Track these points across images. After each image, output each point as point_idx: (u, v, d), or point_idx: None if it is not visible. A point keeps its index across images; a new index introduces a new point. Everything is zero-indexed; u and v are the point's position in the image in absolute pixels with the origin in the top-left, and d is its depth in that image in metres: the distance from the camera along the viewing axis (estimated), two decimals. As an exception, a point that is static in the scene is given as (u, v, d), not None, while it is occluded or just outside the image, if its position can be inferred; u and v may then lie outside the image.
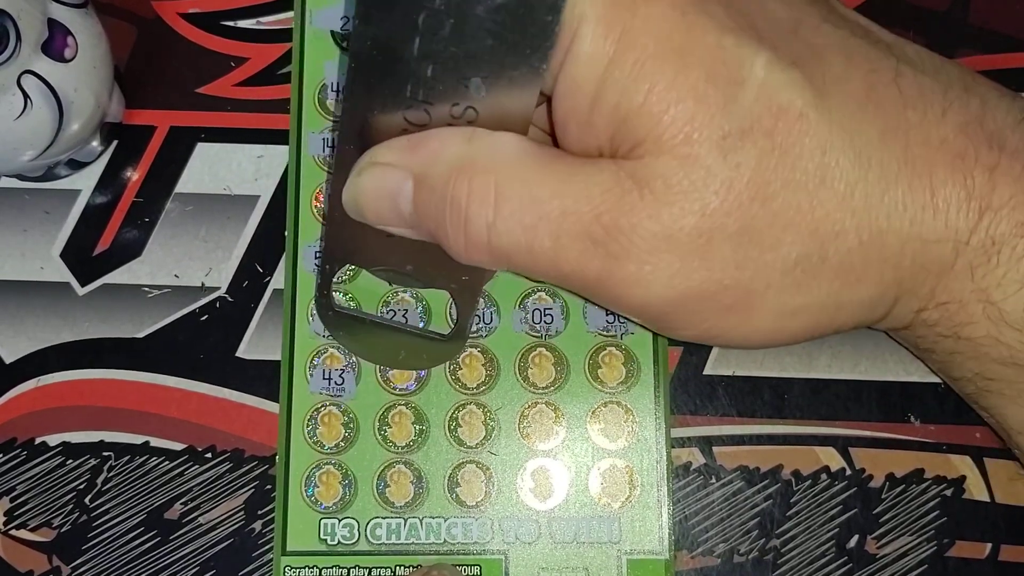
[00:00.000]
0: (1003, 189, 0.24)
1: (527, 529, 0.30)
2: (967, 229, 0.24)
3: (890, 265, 0.24)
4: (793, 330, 0.25)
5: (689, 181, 0.22)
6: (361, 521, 0.30)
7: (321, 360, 0.30)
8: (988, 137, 0.24)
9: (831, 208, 0.23)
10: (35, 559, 0.30)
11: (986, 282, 0.24)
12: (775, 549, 0.30)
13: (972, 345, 0.25)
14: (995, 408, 0.27)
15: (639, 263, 0.23)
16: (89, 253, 0.32)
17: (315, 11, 0.32)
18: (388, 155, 0.24)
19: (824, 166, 0.23)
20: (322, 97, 0.32)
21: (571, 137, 0.24)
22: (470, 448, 0.30)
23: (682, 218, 0.22)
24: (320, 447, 0.30)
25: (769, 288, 0.24)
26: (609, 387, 0.30)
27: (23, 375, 0.31)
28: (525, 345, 0.31)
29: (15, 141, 0.27)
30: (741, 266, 0.23)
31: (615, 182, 0.23)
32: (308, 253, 0.31)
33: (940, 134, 0.24)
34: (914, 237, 0.24)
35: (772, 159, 0.23)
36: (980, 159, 0.24)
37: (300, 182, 0.31)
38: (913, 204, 0.24)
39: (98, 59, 0.28)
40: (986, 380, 0.26)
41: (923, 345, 0.27)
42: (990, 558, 0.30)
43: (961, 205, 0.24)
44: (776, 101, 0.22)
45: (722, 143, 0.22)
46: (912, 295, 0.25)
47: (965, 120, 0.24)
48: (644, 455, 0.30)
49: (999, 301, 0.24)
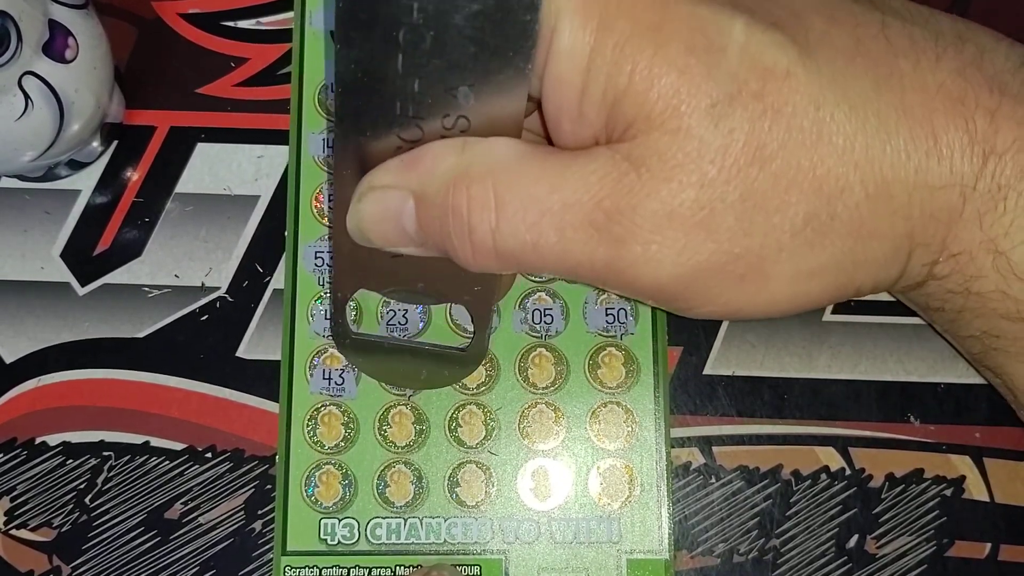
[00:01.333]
0: (1006, 133, 0.23)
1: (527, 529, 0.30)
2: (972, 174, 0.23)
3: (900, 217, 0.24)
4: (813, 294, 0.24)
5: (683, 154, 0.22)
6: (361, 521, 0.30)
7: (321, 360, 0.30)
8: (987, 80, 0.24)
9: (832, 164, 0.23)
10: (35, 559, 0.30)
11: (994, 231, 0.24)
12: (775, 549, 0.30)
13: (981, 301, 0.25)
14: (1001, 367, 0.27)
15: (645, 243, 0.23)
16: (89, 253, 0.32)
17: (315, 12, 0.32)
18: (385, 177, 0.24)
19: (819, 121, 0.23)
20: (322, 97, 0.32)
21: (565, 134, 0.24)
22: (470, 448, 0.30)
23: (681, 192, 0.22)
24: (320, 447, 0.30)
25: (781, 252, 0.23)
26: (609, 387, 0.30)
27: (23, 375, 0.31)
28: (525, 345, 0.31)
29: (16, 142, 0.27)
30: (749, 233, 0.23)
31: (611, 166, 0.23)
32: (308, 253, 0.31)
33: (936, 80, 0.24)
34: (920, 185, 0.23)
35: (765, 121, 0.22)
36: (980, 102, 0.23)
37: (300, 182, 0.31)
38: (916, 152, 0.23)
39: (98, 60, 0.28)
40: (992, 338, 0.26)
41: (933, 304, 0.26)
42: (990, 558, 0.30)
43: (964, 150, 0.23)
44: (760, 62, 0.22)
45: (711, 111, 0.22)
46: (924, 248, 0.24)
47: (961, 64, 0.24)
48: (644, 455, 0.30)
49: (1007, 251, 0.24)
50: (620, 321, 0.31)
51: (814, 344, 0.31)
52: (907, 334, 0.31)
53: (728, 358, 0.31)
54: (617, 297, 0.31)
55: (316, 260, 0.31)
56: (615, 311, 0.31)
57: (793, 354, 0.31)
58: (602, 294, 0.31)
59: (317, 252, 0.31)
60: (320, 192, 0.31)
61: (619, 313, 0.31)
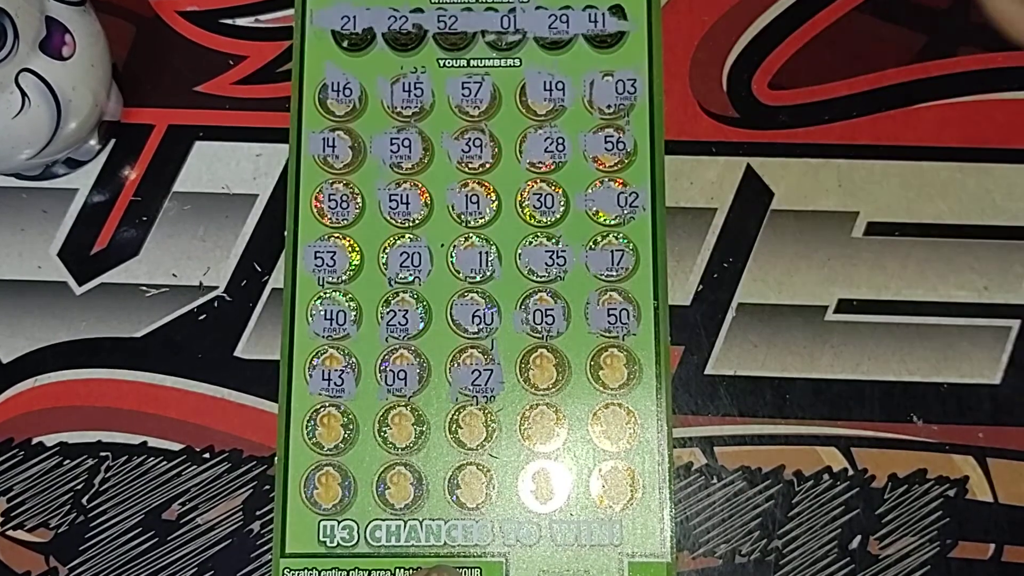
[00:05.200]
0: None
1: (528, 532, 0.30)
2: None
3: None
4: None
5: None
6: (361, 523, 0.30)
7: (320, 361, 0.30)
8: None
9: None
10: (32, 560, 0.30)
11: None
12: (777, 550, 0.30)
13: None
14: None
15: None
16: (87, 252, 0.32)
17: (315, 11, 0.32)
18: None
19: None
20: (322, 97, 0.32)
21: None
22: (470, 450, 0.30)
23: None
24: (319, 448, 0.30)
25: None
26: (611, 389, 0.30)
27: (20, 375, 0.31)
28: (526, 346, 0.30)
29: (13, 139, 0.27)
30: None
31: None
32: (308, 253, 0.31)
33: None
34: None
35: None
36: None
37: (300, 182, 0.31)
38: None
39: (96, 57, 0.28)
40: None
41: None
42: (993, 559, 0.30)
43: None
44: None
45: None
46: None
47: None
48: (646, 457, 0.30)
49: None
50: (622, 322, 0.30)
51: (816, 344, 0.31)
52: (909, 334, 0.31)
53: (730, 358, 0.31)
54: (619, 297, 0.31)
55: (316, 260, 0.31)
56: (617, 311, 0.30)
57: (795, 354, 0.31)
58: (603, 294, 0.31)
59: (317, 252, 0.31)
60: (320, 192, 0.31)
61: (621, 313, 0.30)
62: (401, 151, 0.31)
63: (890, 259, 0.31)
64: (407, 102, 0.32)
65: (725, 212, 0.32)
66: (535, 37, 0.32)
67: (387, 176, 0.31)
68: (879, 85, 0.32)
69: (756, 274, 0.31)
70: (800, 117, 0.32)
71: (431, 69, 0.32)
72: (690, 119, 0.32)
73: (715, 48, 0.32)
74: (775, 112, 0.32)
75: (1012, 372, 0.31)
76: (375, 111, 0.32)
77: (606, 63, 0.32)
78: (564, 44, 0.32)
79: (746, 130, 0.32)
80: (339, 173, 0.31)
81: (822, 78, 0.32)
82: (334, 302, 0.31)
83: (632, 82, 0.32)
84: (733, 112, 0.32)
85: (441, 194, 0.31)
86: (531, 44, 0.32)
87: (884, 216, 0.32)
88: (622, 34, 0.32)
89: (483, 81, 0.32)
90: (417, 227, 0.31)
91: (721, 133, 0.32)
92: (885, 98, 0.32)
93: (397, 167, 0.31)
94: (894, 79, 0.32)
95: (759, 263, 0.32)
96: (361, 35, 0.32)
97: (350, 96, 0.32)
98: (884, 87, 0.32)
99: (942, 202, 0.32)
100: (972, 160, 0.32)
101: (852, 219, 0.32)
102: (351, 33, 0.32)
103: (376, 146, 0.31)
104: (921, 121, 0.32)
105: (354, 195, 0.31)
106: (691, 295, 0.31)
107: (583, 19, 0.32)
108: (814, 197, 0.32)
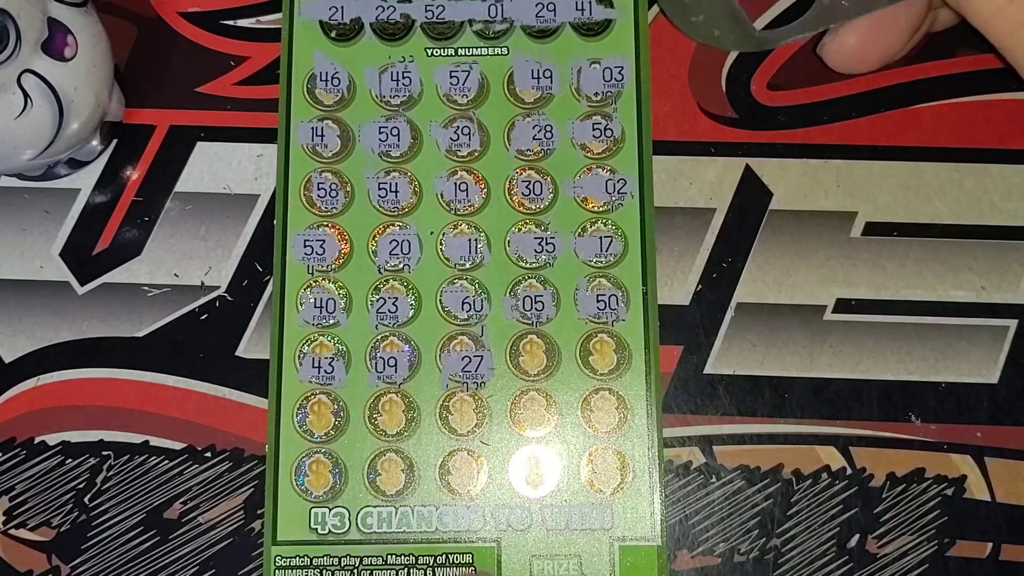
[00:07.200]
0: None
1: (519, 516, 0.30)
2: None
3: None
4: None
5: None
6: (352, 510, 0.30)
7: (310, 348, 0.30)
8: None
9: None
10: (34, 559, 0.30)
11: None
12: (775, 549, 0.30)
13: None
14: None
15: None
16: (89, 252, 0.32)
17: (303, 1, 0.32)
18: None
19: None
20: (311, 87, 0.32)
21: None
22: (461, 436, 0.30)
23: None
24: (310, 436, 0.30)
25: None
26: (600, 374, 0.30)
27: (22, 374, 0.31)
28: (516, 332, 0.31)
29: (15, 140, 0.27)
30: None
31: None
32: (297, 242, 0.31)
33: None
34: None
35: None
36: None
37: (288, 171, 0.31)
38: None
39: (98, 58, 0.28)
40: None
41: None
42: (991, 558, 0.30)
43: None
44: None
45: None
46: None
47: None
48: (636, 442, 0.30)
49: None
50: (611, 308, 0.31)
51: (815, 343, 0.31)
52: (908, 333, 0.31)
53: (729, 357, 0.31)
54: (608, 283, 0.31)
55: (305, 249, 0.31)
56: (606, 297, 0.31)
57: (794, 353, 0.31)
58: (592, 280, 0.31)
59: (306, 241, 0.31)
60: (309, 180, 0.31)
61: (610, 299, 0.31)
62: (390, 140, 0.31)
63: (888, 259, 0.32)
64: (395, 91, 0.32)
65: (724, 212, 0.32)
66: (522, 26, 0.32)
67: (376, 165, 0.31)
68: (878, 86, 0.32)
69: (755, 274, 0.32)
70: (799, 118, 0.32)
71: (419, 58, 0.32)
72: (689, 120, 0.32)
73: (714, 49, 0.32)
74: (774, 113, 0.32)
75: (1010, 372, 0.31)
76: (363, 100, 0.32)
77: (593, 51, 0.32)
78: (551, 32, 0.32)
79: (745, 131, 0.32)
80: (328, 162, 0.31)
81: (821, 79, 0.32)
82: (324, 290, 0.31)
83: (619, 70, 0.32)
84: (732, 113, 0.32)
85: (430, 182, 0.31)
86: (518, 32, 0.32)
87: (882, 216, 0.32)
88: (609, 22, 0.32)
89: (471, 70, 0.32)
90: (406, 215, 0.31)
91: (720, 134, 0.32)
92: (884, 99, 0.32)
93: (386, 156, 0.31)
94: (893, 80, 0.32)
95: (758, 263, 0.32)
96: (349, 25, 0.32)
97: (338, 86, 0.32)
98: (883, 88, 0.32)
99: (940, 202, 0.32)
100: (970, 161, 0.32)
101: (851, 219, 0.32)
102: (339, 23, 0.32)
103: (365, 135, 0.31)
104: (919, 122, 0.32)
105: (343, 184, 0.31)
106: (690, 295, 0.31)
107: (570, 7, 0.32)
108: (813, 197, 0.32)
